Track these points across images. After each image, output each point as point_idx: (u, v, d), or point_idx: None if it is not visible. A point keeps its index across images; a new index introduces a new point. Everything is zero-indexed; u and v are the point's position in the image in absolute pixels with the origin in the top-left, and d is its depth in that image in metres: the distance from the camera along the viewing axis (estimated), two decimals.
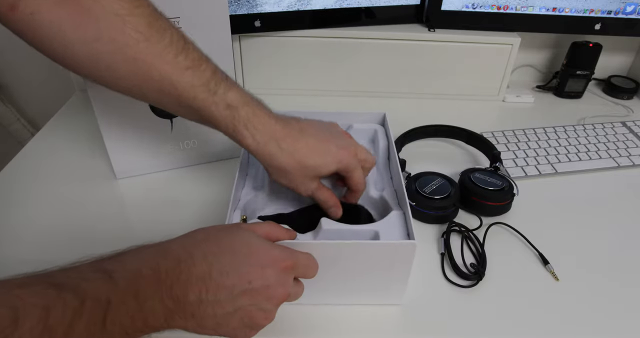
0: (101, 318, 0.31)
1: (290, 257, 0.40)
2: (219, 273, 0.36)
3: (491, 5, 0.87)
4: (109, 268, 0.33)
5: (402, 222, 0.50)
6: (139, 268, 0.34)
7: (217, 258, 0.37)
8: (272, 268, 0.38)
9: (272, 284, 0.38)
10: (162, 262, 0.35)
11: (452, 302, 0.52)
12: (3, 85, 1.07)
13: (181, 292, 0.34)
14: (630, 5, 0.87)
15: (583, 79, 0.94)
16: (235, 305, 0.36)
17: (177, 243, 0.38)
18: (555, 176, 0.74)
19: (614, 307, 0.53)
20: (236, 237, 0.39)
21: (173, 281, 0.34)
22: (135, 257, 0.35)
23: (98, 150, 0.73)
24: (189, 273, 0.35)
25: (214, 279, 0.36)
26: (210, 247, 0.37)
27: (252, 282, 0.37)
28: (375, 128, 0.66)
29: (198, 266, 0.36)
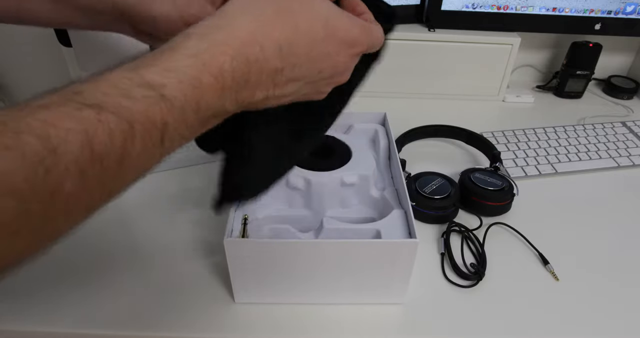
0: (158, 139, 0.26)
1: (366, 41, 0.35)
2: (292, 67, 0.31)
3: (491, 5, 0.87)
4: (157, 81, 0.26)
5: (404, 221, 0.51)
6: (197, 76, 0.27)
7: (292, 48, 0.31)
8: (345, 54, 0.34)
9: (339, 71, 0.35)
10: (227, 63, 0.28)
11: (452, 302, 0.52)
12: (3, 85, 1.07)
13: (248, 94, 0.30)
14: (630, 5, 0.87)
15: (583, 79, 0.94)
16: (299, 93, 0.33)
17: (244, 24, 0.29)
18: (555, 176, 0.74)
19: (614, 306, 0.53)
20: (315, 11, 0.32)
21: (240, 86, 0.29)
22: (190, 59, 0.27)
23: None
24: (259, 74, 0.30)
25: (285, 75, 0.31)
26: (285, 30, 0.30)
27: (322, 72, 0.33)
28: (375, 128, 0.66)
29: (270, 64, 0.30)
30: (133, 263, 0.55)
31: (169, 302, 0.51)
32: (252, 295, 0.50)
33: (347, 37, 0.33)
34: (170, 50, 0.28)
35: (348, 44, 0.34)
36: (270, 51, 0.29)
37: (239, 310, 0.50)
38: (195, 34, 0.28)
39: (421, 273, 0.54)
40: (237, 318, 0.49)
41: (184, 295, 0.51)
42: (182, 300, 0.51)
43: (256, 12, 0.30)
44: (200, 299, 0.51)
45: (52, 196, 0.22)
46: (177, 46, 0.28)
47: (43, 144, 0.22)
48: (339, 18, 0.33)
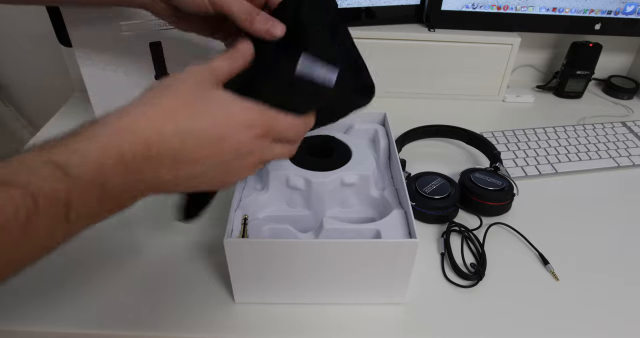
0: (63, 213, 0.28)
1: (267, 122, 0.37)
2: (192, 148, 0.33)
3: (491, 5, 0.87)
4: (62, 160, 0.28)
5: (404, 221, 0.51)
6: (99, 157, 0.29)
7: (190, 132, 0.33)
8: (246, 135, 0.35)
9: (245, 152, 0.36)
10: (126, 146, 0.30)
11: (452, 302, 0.52)
12: (3, 85, 1.07)
13: (152, 173, 0.32)
14: (630, 5, 0.87)
15: (583, 79, 0.94)
16: (208, 175, 0.35)
17: (142, 114, 0.32)
18: (555, 176, 0.74)
19: (614, 306, 0.53)
20: (208, 98, 0.35)
21: (142, 165, 0.31)
22: (93, 143, 0.30)
23: None
24: (159, 155, 0.32)
25: (187, 156, 0.33)
26: (181, 117, 0.33)
27: (224, 154, 0.35)
28: (375, 128, 0.66)
29: (169, 144, 0.32)
30: (133, 263, 0.55)
31: (169, 302, 0.51)
32: (252, 295, 0.50)
33: (244, 119, 0.35)
34: (77, 134, 0.30)
35: (245, 126, 0.35)
36: (169, 134, 0.32)
37: (239, 310, 0.50)
38: (101, 121, 0.31)
39: (421, 273, 0.54)
40: (237, 318, 0.49)
41: (184, 295, 0.51)
42: (182, 300, 0.51)
43: (157, 101, 0.34)
44: (200, 299, 0.51)
45: None
46: (84, 131, 0.30)
47: None
48: (234, 101, 0.36)
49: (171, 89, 0.35)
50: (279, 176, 0.55)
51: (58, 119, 0.84)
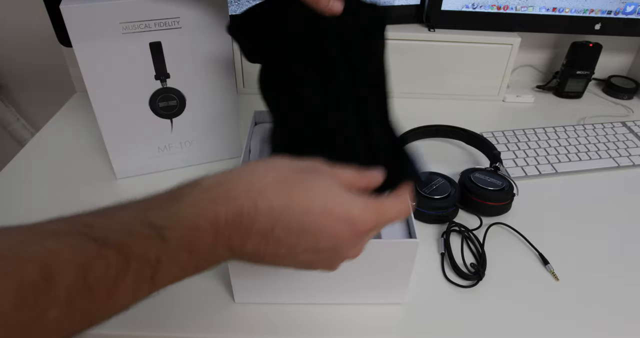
0: (149, 275, 0.28)
1: (371, 220, 0.34)
2: (284, 230, 0.32)
3: (491, 5, 0.87)
4: (160, 223, 0.29)
5: (404, 221, 0.51)
6: (195, 222, 0.30)
7: (284, 213, 0.32)
8: (347, 231, 0.33)
9: (342, 246, 0.34)
10: (222, 211, 0.31)
11: (452, 302, 0.52)
12: (3, 85, 1.07)
13: (239, 242, 0.31)
14: (630, 5, 0.87)
15: (583, 79, 0.94)
16: (297, 259, 0.34)
17: (243, 184, 0.32)
18: (555, 176, 0.74)
19: (614, 306, 0.53)
20: (313, 186, 0.33)
21: (231, 233, 0.31)
22: (192, 207, 0.31)
23: (98, 150, 0.73)
24: (249, 227, 0.31)
25: (276, 236, 0.32)
26: (280, 196, 0.32)
27: (319, 242, 0.33)
28: None
29: (261, 220, 0.31)
30: None
31: (169, 302, 0.51)
32: (252, 295, 0.50)
33: (346, 215, 0.33)
34: (178, 197, 0.31)
35: (347, 222, 0.33)
36: (263, 209, 0.31)
37: (239, 310, 0.50)
38: (201, 186, 0.32)
39: (421, 273, 0.54)
40: (237, 318, 0.49)
41: (184, 295, 0.51)
42: (182, 300, 0.51)
43: (258, 176, 0.33)
44: (200, 299, 0.51)
45: (35, 322, 0.24)
46: (184, 194, 0.31)
47: (42, 272, 0.24)
48: (340, 194, 0.34)
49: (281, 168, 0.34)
50: None
51: (58, 119, 0.84)
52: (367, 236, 0.35)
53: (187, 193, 0.32)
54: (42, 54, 0.99)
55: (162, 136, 0.67)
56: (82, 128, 0.79)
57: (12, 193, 0.67)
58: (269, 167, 0.34)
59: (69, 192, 0.66)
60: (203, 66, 0.63)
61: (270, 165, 0.35)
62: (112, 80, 0.60)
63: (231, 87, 0.67)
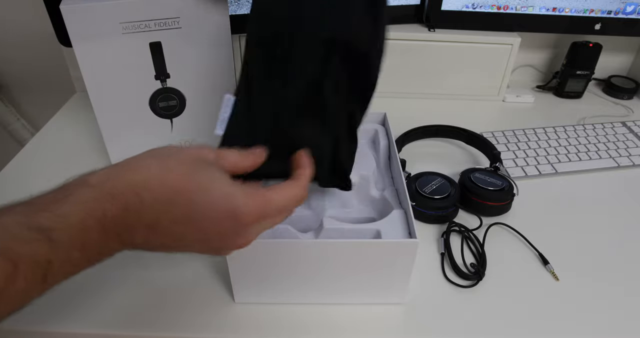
0: (41, 276, 0.29)
1: (255, 211, 0.35)
2: (170, 222, 0.33)
3: (491, 5, 0.87)
4: (46, 225, 0.29)
5: (404, 221, 0.51)
6: (82, 220, 0.30)
7: (170, 205, 0.33)
8: (231, 224, 0.34)
9: (229, 237, 0.35)
10: (108, 208, 0.31)
11: (452, 302, 0.52)
12: (3, 85, 1.07)
13: (127, 236, 0.33)
14: (630, 5, 0.87)
15: (583, 79, 0.94)
16: (187, 248, 0.35)
17: (127, 179, 0.33)
18: (555, 176, 0.74)
19: (615, 306, 0.53)
20: (197, 176, 0.34)
21: (120, 229, 0.32)
22: (76, 206, 0.31)
23: (98, 150, 0.73)
24: (137, 220, 0.32)
25: (163, 227, 0.33)
26: (164, 187, 0.33)
27: (207, 234, 0.34)
28: (375, 128, 0.66)
29: (147, 212, 0.32)
30: (133, 263, 0.55)
31: (169, 302, 0.51)
32: (252, 295, 0.50)
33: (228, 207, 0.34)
34: (64, 197, 0.31)
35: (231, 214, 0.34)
36: (147, 202, 0.32)
37: (239, 310, 0.50)
38: (87, 184, 0.32)
39: (421, 273, 0.54)
40: (237, 318, 0.49)
41: (184, 295, 0.51)
42: (182, 300, 0.51)
43: (143, 169, 0.34)
44: (200, 299, 0.51)
45: None
46: (70, 194, 0.31)
47: None
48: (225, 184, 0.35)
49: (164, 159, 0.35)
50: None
51: (58, 119, 0.84)
52: (258, 225, 0.36)
53: (73, 193, 0.32)
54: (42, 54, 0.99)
55: (162, 136, 0.67)
56: (82, 128, 0.79)
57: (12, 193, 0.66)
58: (154, 159, 0.35)
59: None
60: (203, 66, 0.63)
61: (155, 157, 0.35)
62: (112, 80, 0.60)
63: (231, 87, 0.67)
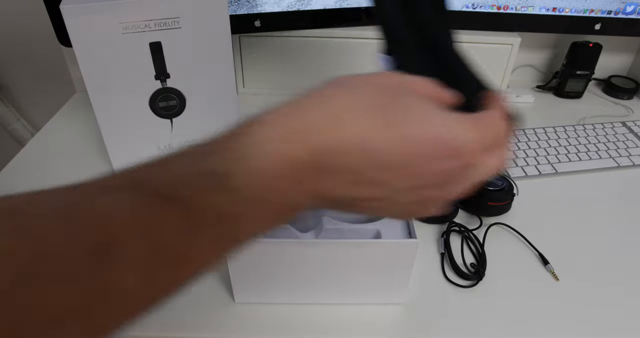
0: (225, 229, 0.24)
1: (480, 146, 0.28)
2: (376, 168, 0.26)
3: (491, 5, 0.87)
4: (223, 169, 0.24)
5: (404, 221, 0.51)
6: (270, 168, 0.24)
7: (375, 149, 0.25)
8: (452, 162, 0.27)
9: (449, 180, 0.28)
10: (302, 155, 0.25)
11: (452, 302, 0.52)
12: (3, 85, 1.07)
13: (325, 189, 0.26)
14: (630, 5, 0.87)
15: (583, 79, 0.94)
16: (395, 199, 0.27)
17: (324, 114, 0.26)
18: (555, 176, 0.74)
19: (615, 306, 0.53)
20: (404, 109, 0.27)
21: (315, 181, 0.25)
22: (261, 149, 0.24)
23: (98, 150, 0.73)
24: (335, 169, 0.25)
25: (367, 175, 0.26)
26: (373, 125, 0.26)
27: (422, 177, 0.27)
28: None
29: (353, 154, 0.25)
30: None
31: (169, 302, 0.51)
32: (252, 295, 0.50)
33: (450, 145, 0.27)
34: (244, 136, 0.25)
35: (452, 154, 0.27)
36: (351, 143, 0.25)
37: (239, 310, 0.50)
38: (269, 121, 0.26)
39: (421, 273, 0.54)
40: (237, 318, 0.49)
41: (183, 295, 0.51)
42: (182, 300, 0.51)
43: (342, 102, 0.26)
44: (200, 299, 0.51)
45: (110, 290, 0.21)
46: (252, 133, 0.25)
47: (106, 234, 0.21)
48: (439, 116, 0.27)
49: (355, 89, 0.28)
50: None
51: (58, 119, 0.84)
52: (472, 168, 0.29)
53: (253, 133, 0.25)
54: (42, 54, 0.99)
55: (162, 136, 0.67)
56: (82, 128, 0.79)
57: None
58: (352, 91, 0.27)
59: None
60: (203, 66, 0.63)
61: (353, 88, 0.28)
62: (112, 80, 0.60)
63: (231, 87, 0.67)
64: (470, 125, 0.28)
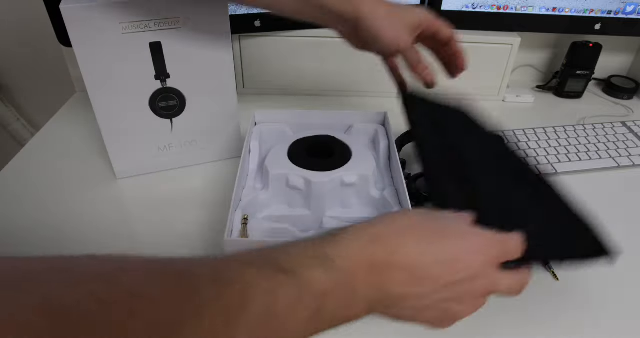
0: (317, 306, 0.30)
1: (501, 245, 0.38)
2: (429, 262, 0.34)
3: (491, 5, 0.87)
4: (331, 252, 0.32)
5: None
6: (357, 255, 0.33)
7: (428, 244, 0.35)
8: (481, 257, 0.36)
9: (477, 275, 0.36)
10: (378, 251, 0.33)
11: None
12: (3, 85, 1.07)
13: (389, 280, 0.33)
14: (630, 5, 0.87)
15: (583, 79, 0.94)
16: (437, 297, 0.35)
17: (387, 227, 0.35)
18: (555, 176, 0.74)
19: (614, 306, 0.53)
20: (447, 222, 0.38)
21: (383, 269, 0.33)
22: (356, 241, 0.33)
23: (98, 150, 0.73)
24: (399, 260, 0.34)
25: (422, 269, 0.34)
26: (423, 232, 0.36)
27: (458, 273, 0.35)
28: (376, 128, 0.66)
29: (410, 253, 0.34)
30: None
31: None
32: None
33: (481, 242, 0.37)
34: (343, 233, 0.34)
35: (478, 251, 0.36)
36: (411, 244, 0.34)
37: None
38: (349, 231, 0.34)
39: None
40: None
41: None
42: None
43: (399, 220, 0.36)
44: None
45: None
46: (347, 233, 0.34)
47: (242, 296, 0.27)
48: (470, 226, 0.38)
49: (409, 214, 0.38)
50: (279, 176, 0.55)
51: (58, 119, 0.84)
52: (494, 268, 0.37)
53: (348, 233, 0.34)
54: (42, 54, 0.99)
55: (162, 136, 0.67)
56: (82, 128, 0.79)
57: (12, 193, 0.67)
58: (402, 215, 0.37)
59: (69, 192, 0.66)
60: (203, 66, 0.63)
61: (403, 213, 0.38)
62: (112, 80, 0.60)
63: (231, 87, 0.67)
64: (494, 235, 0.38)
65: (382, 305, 0.34)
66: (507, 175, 0.52)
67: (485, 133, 0.58)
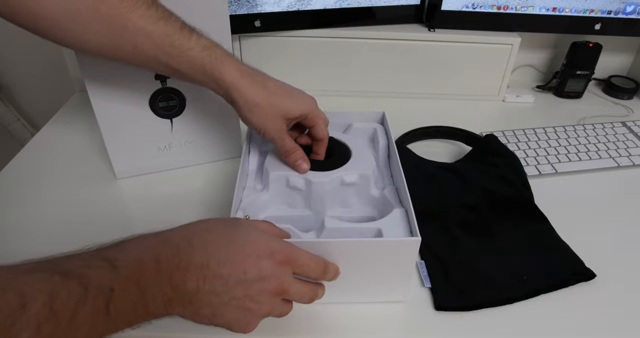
0: (104, 305, 0.32)
1: (288, 251, 0.40)
2: (216, 263, 0.37)
3: (491, 5, 0.87)
4: (111, 256, 0.34)
5: (405, 220, 0.51)
6: (140, 256, 0.35)
7: (215, 247, 0.37)
8: (268, 260, 0.38)
9: (266, 276, 0.38)
10: (162, 250, 0.36)
11: None
12: (3, 85, 1.07)
13: (180, 280, 0.35)
14: (630, 5, 0.87)
15: (583, 79, 0.95)
16: (230, 295, 0.37)
17: (178, 232, 0.39)
18: (555, 176, 0.74)
19: (614, 307, 0.53)
20: (236, 228, 0.40)
21: (172, 269, 0.35)
22: (137, 246, 0.36)
23: (98, 150, 0.73)
24: (187, 262, 0.36)
25: (211, 268, 0.36)
26: (210, 236, 0.38)
27: (246, 273, 0.37)
28: (374, 127, 0.66)
29: (197, 255, 0.36)
30: None
31: None
32: None
33: (267, 245, 0.39)
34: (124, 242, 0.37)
35: (269, 251, 0.39)
36: (197, 246, 0.37)
37: None
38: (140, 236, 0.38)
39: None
40: None
41: None
42: None
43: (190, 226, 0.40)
44: None
45: None
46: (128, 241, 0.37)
47: (19, 300, 0.28)
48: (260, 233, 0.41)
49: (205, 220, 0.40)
50: (279, 177, 0.55)
51: (58, 119, 0.84)
52: (286, 270, 0.40)
53: (131, 240, 0.37)
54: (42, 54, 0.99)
55: (162, 136, 0.67)
56: (82, 128, 0.79)
57: (13, 193, 0.67)
58: (197, 222, 0.40)
59: (69, 192, 0.66)
60: None
61: (199, 221, 0.40)
62: (112, 80, 0.60)
63: None
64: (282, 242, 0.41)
65: (178, 304, 0.36)
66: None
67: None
